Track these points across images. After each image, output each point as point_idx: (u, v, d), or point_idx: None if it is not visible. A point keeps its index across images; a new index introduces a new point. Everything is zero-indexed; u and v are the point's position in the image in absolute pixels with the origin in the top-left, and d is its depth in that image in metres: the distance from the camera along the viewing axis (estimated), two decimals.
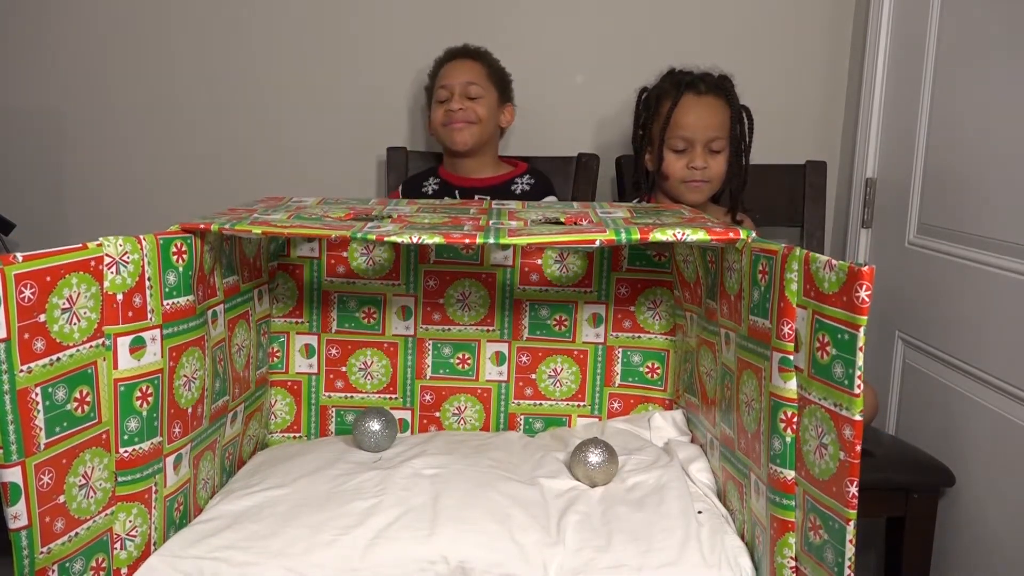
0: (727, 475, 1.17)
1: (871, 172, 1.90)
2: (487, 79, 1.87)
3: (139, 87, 2.06)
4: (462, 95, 1.83)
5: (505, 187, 1.87)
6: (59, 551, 0.92)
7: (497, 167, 1.91)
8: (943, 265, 1.60)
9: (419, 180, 1.92)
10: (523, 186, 1.87)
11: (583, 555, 1.02)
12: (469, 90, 1.83)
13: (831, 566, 0.89)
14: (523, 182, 1.88)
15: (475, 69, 1.87)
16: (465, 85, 1.83)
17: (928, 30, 1.67)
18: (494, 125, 1.88)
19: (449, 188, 1.88)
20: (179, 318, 1.06)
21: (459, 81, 1.84)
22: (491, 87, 1.87)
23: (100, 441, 0.97)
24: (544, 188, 1.87)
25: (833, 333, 0.87)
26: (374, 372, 1.43)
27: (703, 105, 1.62)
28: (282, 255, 1.40)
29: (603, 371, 1.44)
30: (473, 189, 1.86)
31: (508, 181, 1.88)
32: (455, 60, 1.89)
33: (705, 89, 1.63)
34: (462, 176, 1.88)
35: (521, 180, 1.88)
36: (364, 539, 1.03)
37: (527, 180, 1.88)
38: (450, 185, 1.88)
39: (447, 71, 1.88)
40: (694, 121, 1.61)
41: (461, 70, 1.86)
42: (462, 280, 1.42)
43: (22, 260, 0.86)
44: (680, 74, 1.69)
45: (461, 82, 1.84)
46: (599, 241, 1.02)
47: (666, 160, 1.66)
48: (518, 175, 1.89)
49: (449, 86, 1.84)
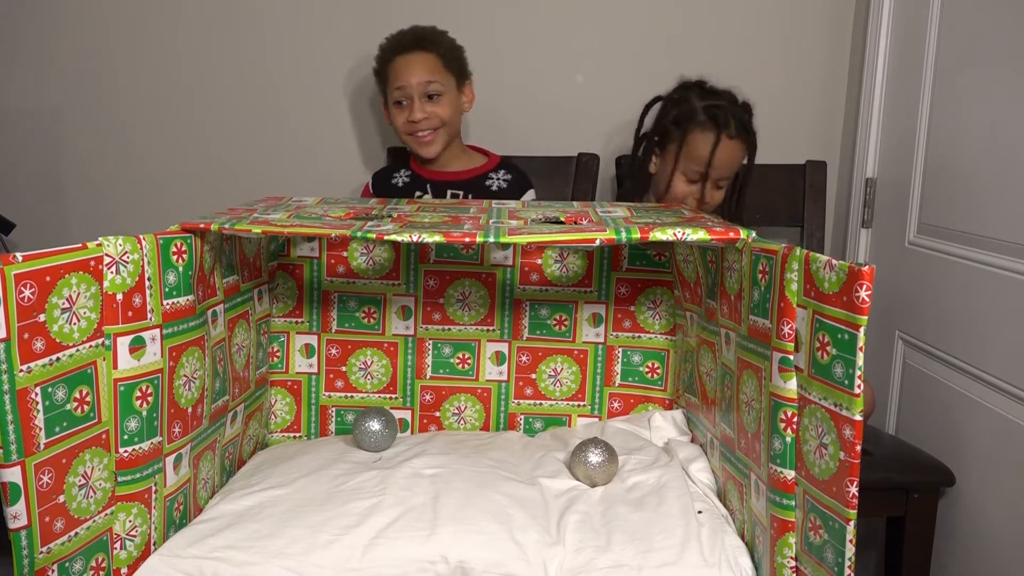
0: (727, 475, 1.17)
1: (871, 172, 1.90)
2: (444, 69, 1.74)
3: (139, 87, 2.06)
4: (421, 97, 1.72)
5: (479, 182, 1.80)
6: (59, 551, 0.92)
7: (468, 158, 1.84)
8: (943, 265, 1.60)
9: (389, 172, 1.86)
10: (499, 183, 1.80)
11: (583, 555, 1.02)
12: (428, 89, 1.72)
13: (831, 566, 0.89)
14: (499, 178, 1.81)
15: (430, 62, 1.73)
16: (423, 85, 1.72)
17: (928, 30, 1.67)
18: (458, 115, 1.79)
19: (420, 182, 1.82)
20: (179, 318, 1.06)
21: (416, 81, 1.72)
22: (449, 75, 1.75)
23: (100, 441, 0.97)
24: (521, 185, 1.81)
25: (833, 333, 0.87)
26: (374, 372, 1.43)
27: (728, 148, 1.60)
28: (282, 255, 1.40)
29: (603, 371, 1.44)
30: (446, 184, 1.80)
31: (483, 176, 1.81)
32: (408, 55, 1.74)
33: (735, 132, 1.60)
34: (433, 170, 1.82)
35: (497, 176, 1.81)
36: (364, 539, 1.03)
37: (503, 176, 1.81)
38: (421, 179, 1.82)
39: (400, 69, 1.74)
40: (717, 162, 1.59)
41: (416, 67, 1.73)
42: (462, 280, 1.41)
43: (22, 260, 0.86)
44: (710, 97, 1.62)
45: (418, 82, 1.71)
46: (599, 240, 1.02)
47: (675, 182, 1.63)
48: (492, 170, 1.82)
49: (405, 88, 1.72)
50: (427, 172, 1.83)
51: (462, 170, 1.83)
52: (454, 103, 1.77)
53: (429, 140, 1.75)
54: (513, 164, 1.86)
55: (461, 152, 1.85)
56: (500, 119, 2.04)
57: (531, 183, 1.83)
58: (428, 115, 1.73)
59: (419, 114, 1.72)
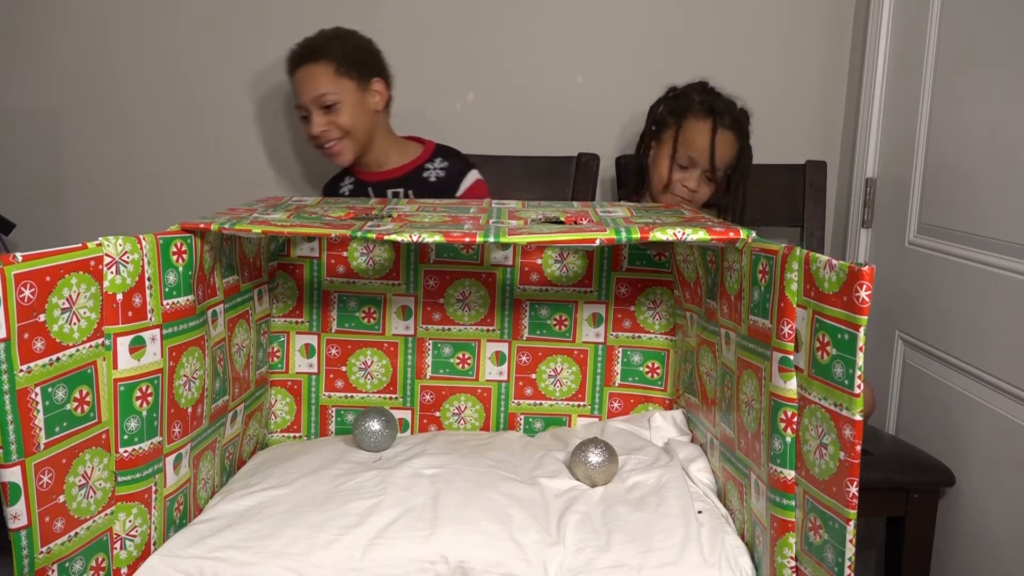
0: (727, 475, 1.17)
1: (871, 172, 1.90)
2: (337, 75, 1.70)
3: (139, 87, 2.06)
4: (318, 110, 1.70)
5: (416, 175, 1.78)
6: (59, 551, 0.92)
7: (402, 152, 1.81)
8: (943, 265, 1.60)
9: (337, 181, 1.85)
10: (436, 172, 1.78)
11: (583, 555, 1.02)
12: (323, 101, 1.69)
13: (831, 566, 0.89)
14: (435, 167, 1.78)
15: (321, 72, 1.70)
16: (317, 99, 1.69)
17: (928, 30, 1.67)
18: (368, 117, 1.75)
19: (362, 186, 1.81)
20: (179, 318, 1.06)
21: (309, 97, 1.70)
22: (345, 81, 1.71)
23: (100, 441, 0.97)
24: (459, 171, 1.78)
25: (833, 333, 0.87)
26: (374, 372, 1.43)
27: (720, 137, 1.66)
28: (282, 255, 1.40)
29: (603, 371, 1.44)
30: (385, 184, 1.79)
31: (419, 168, 1.79)
32: (300, 69, 1.73)
33: (729, 124, 1.67)
34: (369, 172, 1.81)
35: (432, 165, 1.79)
36: (364, 539, 1.03)
37: (439, 164, 1.78)
38: (363, 183, 1.81)
39: (296, 84, 1.73)
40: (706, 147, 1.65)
41: (307, 81, 1.71)
42: (462, 280, 1.41)
43: (22, 260, 0.86)
44: (711, 95, 1.69)
45: (311, 97, 1.70)
46: (599, 240, 1.02)
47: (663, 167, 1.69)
48: (427, 159, 1.80)
49: (302, 105, 1.72)
50: (365, 175, 1.81)
51: (397, 165, 1.80)
52: (357, 107, 1.72)
53: (337, 150, 1.73)
54: (450, 150, 1.82)
55: (393, 148, 1.81)
56: (500, 119, 2.04)
57: (471, 165, 1.80)
58: (327, 127, 1.71)
59: (317, 128, 1.70)
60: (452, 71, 2.04)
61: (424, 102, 2.04)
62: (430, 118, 2.04)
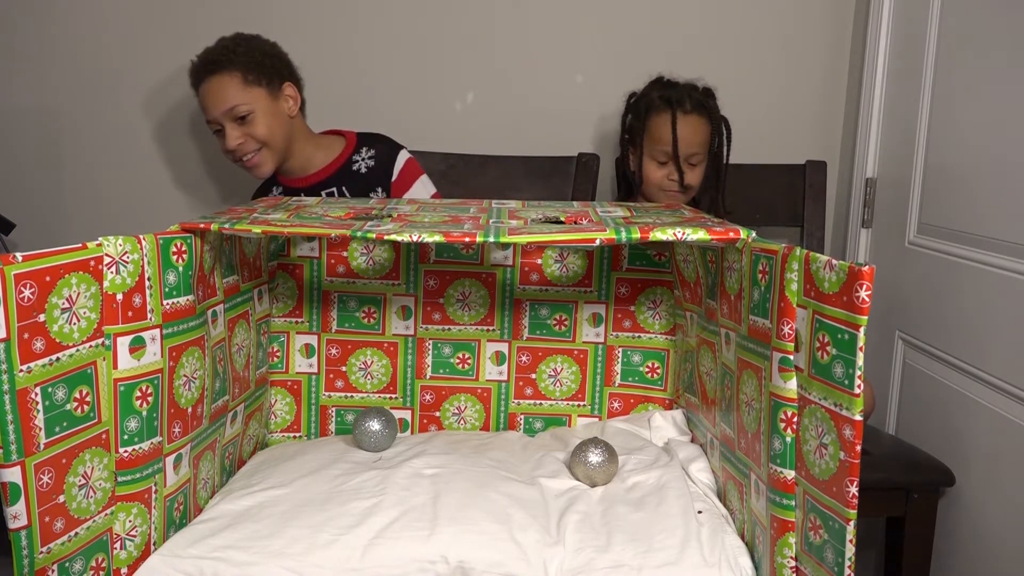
0: (727, 475, 1.17)
1: (871, 172, 1.90)
2: (245, 85, 1.64)
3: (139, 86, 2.06)
4: (231, 123, 1.65)
5: (345, 171, 1.74)
6: (59, 551, 0.92)
7: (326, 150, 1.77)
8: (943, 265, 1.60)
9: (266, 189, 1.81)
10: (365, 162, 1.74)
11: (583, 555, 1.02)
12: (235, 113, 1.64)
13: (831, 566, 0.89)
14: (363, 158, 1.74)
15: (229, 84, 1.64)
16: (228, 112, 1.64)
17: (928, 30, 1.67)
18: (283, 123, 1.69)
19: (292, 193, 1.75)
20: (179, 318, 1.06)
21: (220, 111, 1.64)
22: (255, 89, 1.65)
23: (100, 441, 0.97)
24: (388, 154, 1.75)
25: (833, 333, 0.87)
26: (374, 372, 1.43)
27: (687, 124, 1.69)
28: (282, 255, 1.40)
29: (603, 371, 1.44)
30: (315, 187, 1.74)
31: (346, 163, 1.74)
32: (205, 82, 1.66)
33: (690, 108, 1.70)
34: (296, 178, 1.76)
35: (360, 156, 1.74)
36: (364, 539, 1.03)
37: (366, 154, 1.74)
38: (291, 190, 1.76)
39: (203, 99, 1.67)
40: (678, 138, 1.68)
41: (215, 94, 1.65)
42: (462, 280, 1.41)
43: (22, 260, 0.86)
44: (668, 88, 1.73)
45: (222, 111, 1.64)
46: (599, 240, 1.02)
47: (648, 169, 1.73)
48: (353, 152, 1.75)
49: (213, 120, 1.66)
50: (293, 181, 1.77)
51: (324, 165, 1.76)
52: (271, 115, 1.67)
53: (256, 162, 1.69)
54: (374, 136, 1.79)
55: (314, 148, 1.76)
56: (500, 119, 2.05)
57: (398, 146, 1.77)
58: (243, 139, 1.66)
59: (233, 142, 1.65)
60: (451, 71, 2.04)
61: (424, 102, 2.04)
62: (430, 118, 2.04)
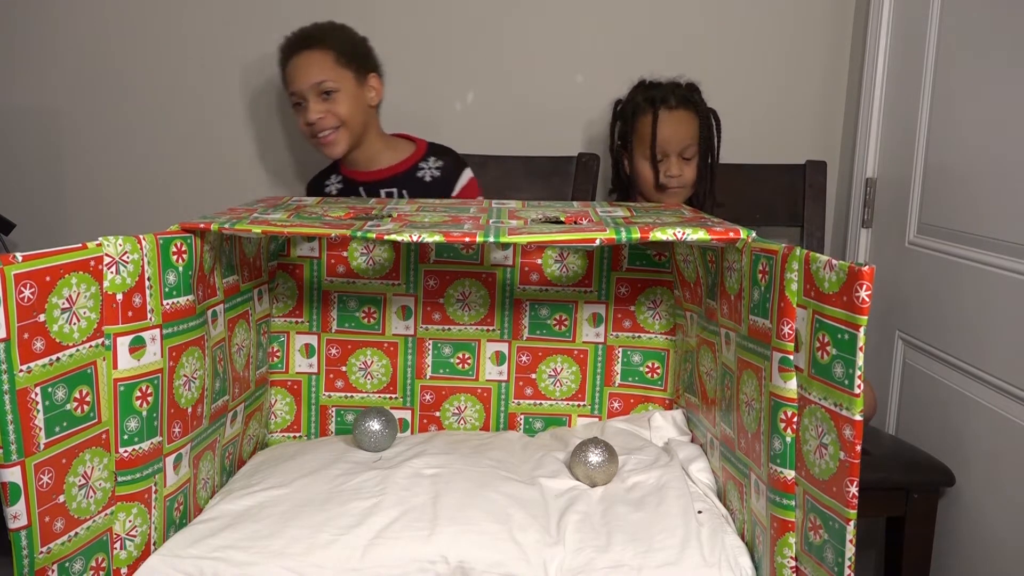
0: (727, 475, 1.17)
1: (871, 172, 1.90)
2: (337, 65, 1.68)
3: (140, 87, 2.06)
4: (316, 98, 1.67)
5: (410, 175, 1.74)
6: (59, 551, 0.92)
7: (394, 151, 1.78)
8: (943, 265, 1.60)
9: (322, 179, 1.82)
10: (431, 171, 1.74)
11: (583, 555, 1.02)
12: (321, 88, 1.66)
13: (831, 566, 0.89)
14: (429, 167, 1.75)
15: (321, 60, 1.68)
16: (315, 86, 1.66)
17: (928, 30, 1.67)
18: (363, 110, 1.72)
19: (352, 185, 1.77)
20: (179, 318, 1.06)
21: (307, 84, 1.67)
22: (344, 71, 1.69)
23: (100, 441, 0.97)
24: (454, 170, 1.75)
25: (833, 333, 0.87)
26: (374, 372, 1.43)
27: (675, 119, 1.69)
28: (282, 255, 1.40)
29: (603, 371, 1.44)
30: (377, 184, 1.75)
31: (412, 168, 1.75)
32: (297, 55, 1.69)
33: (676, 103, 1.70)
34: (360, 171, 1.77)
35: (427, 165, 1.75)
36: (364, 539, 1.03)
37: (434, 164, 1.75)
38: (353, 182, 1.77)
39: (292, 71, 1.70)
40: (668, 136, 1.68)
41: (306, 68, 1.68)
42: (462, 280, 1.41)
43: (22, 260, 0.86)
44: (651, 88, 1.74)
45: (310, 84, 1.66)
46: (599, 240, 1.02)
47: (643, 170, 1.72)
48: (421, 159, 1.76)
49: (299, 92, 1.68)
50: (356, 174, 1.78)
51: (390, 165, 1.77)
52: (354, 99, 1.70)
53: (331, 140, 1.69)
54: (444, 148, 1.80)
55: (384, 146, 1.78)
56: (500, 119, 2.04)
57: (464, 164, 1.78)
58: (324, 114, 1.67)
59: (313, 115, 1.67)
60: (452, 71, 2.04)
61: (424, 102, 2.04)
62: (430, 118, 2.04)
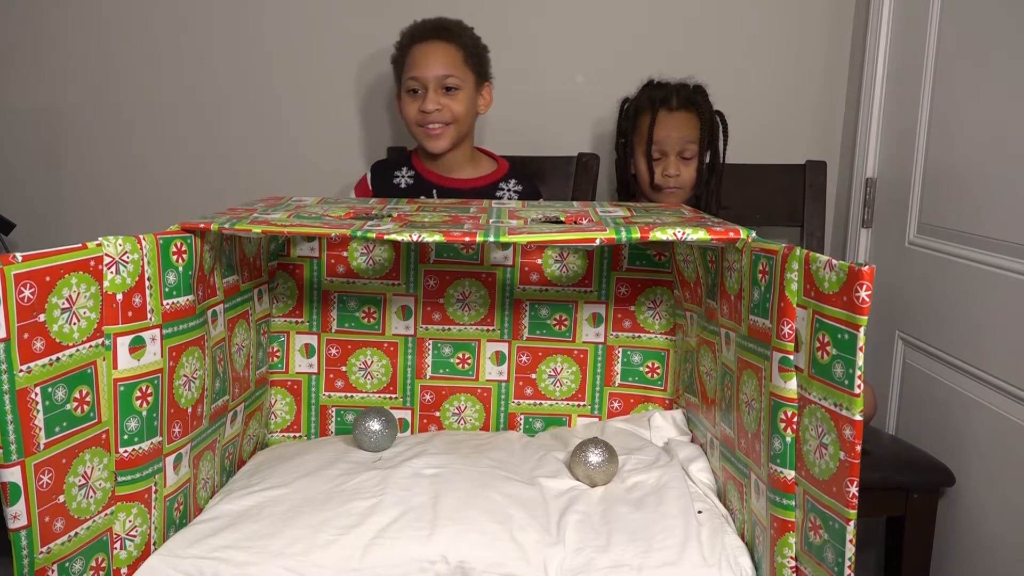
0: (727, 475, 1.17)
1: (871, 172, 1.90)
2: (464, 65, 1.68)
3: (139, 86, 2.06)
4: (438, 89, 1.65)
5: (490, 193, 1.75)
6: (59, 551, 0.92)
7: (476, 164, 1.78)
8: (943, 265, 1.60)
9: (391, 168, 1.80)
10: (510, 193, 1.76)
11: (583, 555, 1.02)
12: (445, 82, 1.65)
13: (831, 566, 0.89)
14: (510, 188, 1.76)
15: (451, 55, 1.66)
16: (440, 77, 1.64)
17: (928, 30, 1.67)
18: (473, 115, 1.72)
19: (425, 185, 1.75)
20: (179, 318, 1.06)
21: (433, 73, 1.65)
22: (469, 72, 1.68)
23: (100, 441, 0.97)
24: (532, 196, 1.77)
25: (833, 333, 0.87)
26: (374, 372, 1.43)
27: (675, 120, 1.71)
28: (282, 255, 1.40)
29: (603, 371, 1.44)
30: (455, 191, 1.73)
31: (492, 185, 1.76)
32: (428, 43, 1.67)
33: (677, 104, 1.71)
34: (440, 174, 1.76)
35: (508, 186, 1.76)
36: (364, 539, 1.03)
37: (514, 186, 1.76)
38: (426, 182, 1.76)
39: (419, 57, 1.67)
40: (666, 135, 1.70)
41: (435, 58, 1.66)
42: (462, 280, 1.41)
43: (22, 260, 0.86)
44: (656, 88, 1.75)
45: (436, 75, 1.64)
46: (599, 240, 1.02)
47: (640, 166, 1.74)
48: (502, 178, 1.77)
49: (422, 79, 1.65)
50: (433, 175, 1.77)
51: (471, 177, 1.77)
52: (470, 101, 1.70)
53: (438, 133, 1.68)
54: (524, 174, 1.81)
55: (470, 157, 1.78)
56: (501, 119, 2.04)
57: (540, 192, 1.81)
58: (441, 107, 1.66)
59: (432, 105, 1.65)
60: None
61: None
62: None
